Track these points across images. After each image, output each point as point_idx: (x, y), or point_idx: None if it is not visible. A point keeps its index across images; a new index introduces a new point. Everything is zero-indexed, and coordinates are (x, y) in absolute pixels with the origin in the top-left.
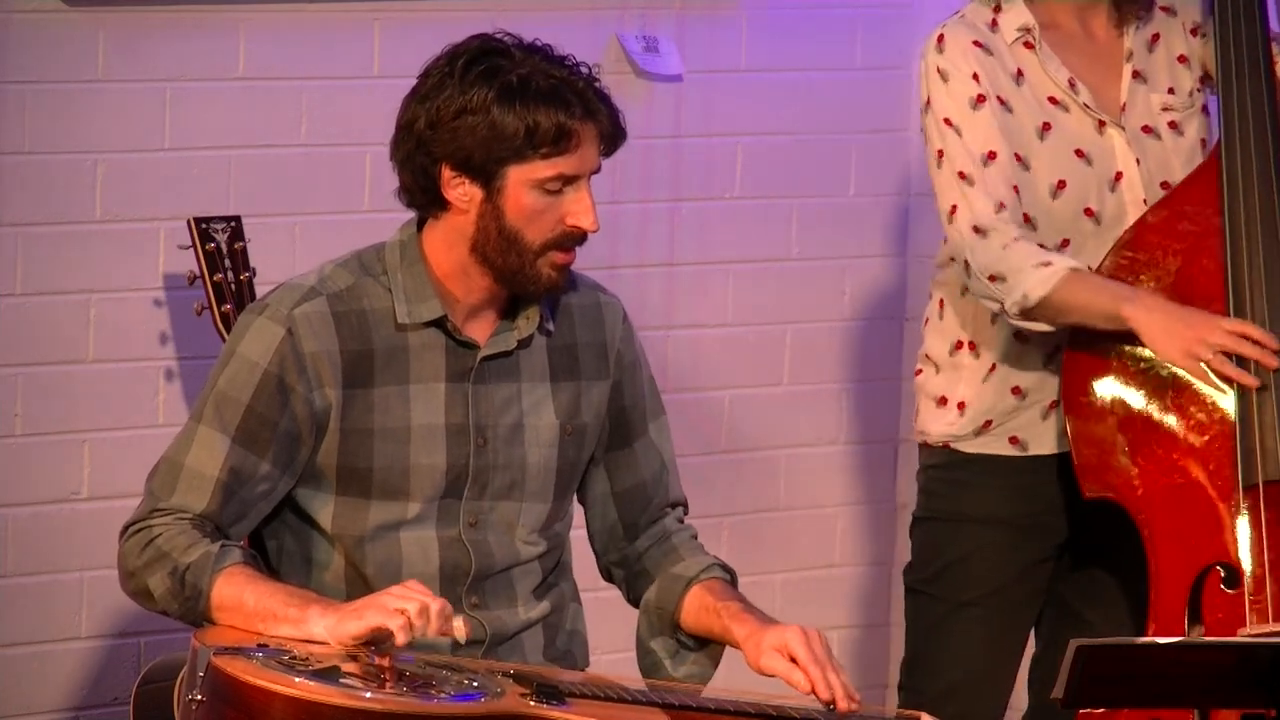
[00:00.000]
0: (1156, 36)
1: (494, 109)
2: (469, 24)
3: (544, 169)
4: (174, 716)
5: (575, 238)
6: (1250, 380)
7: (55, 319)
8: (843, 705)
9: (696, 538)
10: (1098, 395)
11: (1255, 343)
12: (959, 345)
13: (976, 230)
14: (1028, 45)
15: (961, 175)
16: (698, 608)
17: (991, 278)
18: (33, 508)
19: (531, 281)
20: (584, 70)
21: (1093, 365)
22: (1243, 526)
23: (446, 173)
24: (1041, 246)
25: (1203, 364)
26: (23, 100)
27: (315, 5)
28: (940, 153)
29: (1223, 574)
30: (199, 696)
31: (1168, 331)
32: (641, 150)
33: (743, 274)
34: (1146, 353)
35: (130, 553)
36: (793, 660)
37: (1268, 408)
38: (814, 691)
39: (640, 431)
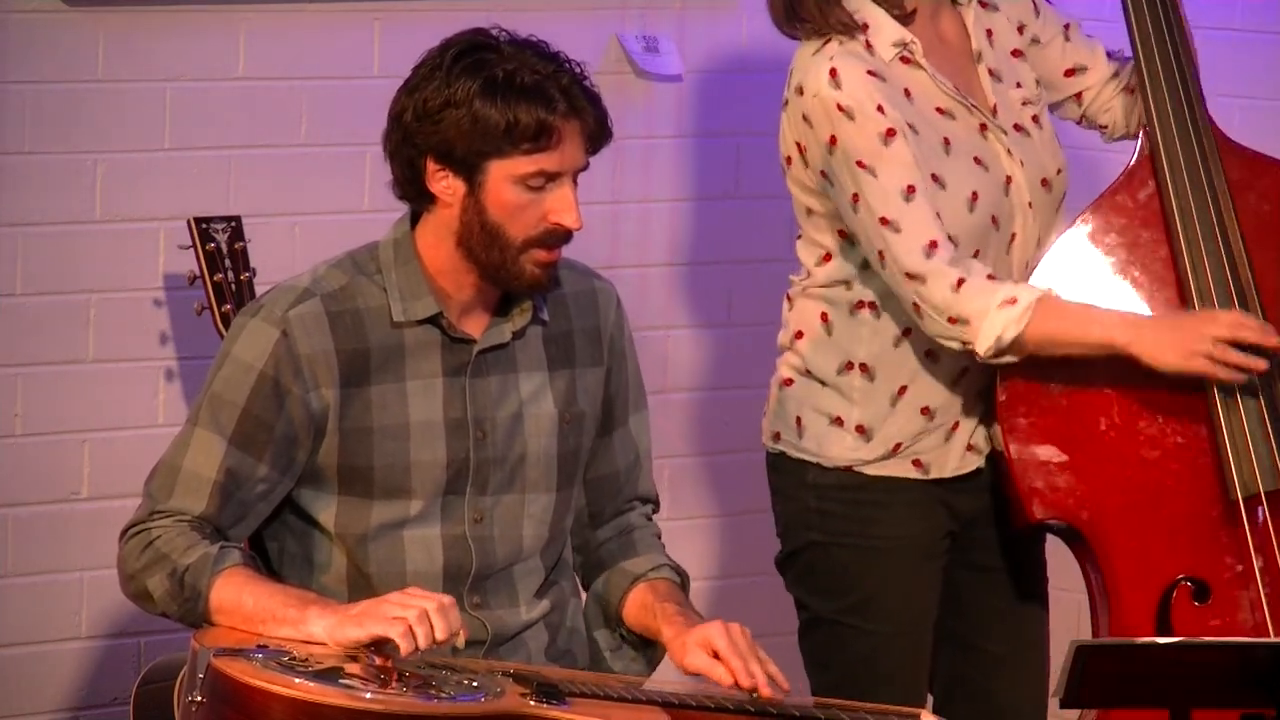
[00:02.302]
0: (990, 32)
1: (476, 102)
2: (469, 23)
3: (524, 165)
4: (174, 717)
5: (558, 235)
6: (1260, 364)
7: (55, 319)
8: (765, 692)
9: (660, 537)
10: (1038, 417)
11: (1253, 331)
12: (849, 366)
13: (912, 277)
14: (904, 60)
15: (884, 221)
16: (638, 605)
17: (951, 320)
18: (33, 508)
19: (515, 278)
20: (573, 67)
21: (1031, 387)
22: (1218, 539)
23: (431, 165)
24: (991, 279)
25: (1211, 359)
26: (23, 100)
27: (315, 5)
28: (856, 197)
29: (1191, 588)
30: (199, 698)
31: (1165, 343)
32: (641, 150)
33: (742, 274)
34: (1088, 365)
35: (130, 555)
36: (715, 656)
37: (1253, 416)
38: (736, 682)
39: (620, 422)
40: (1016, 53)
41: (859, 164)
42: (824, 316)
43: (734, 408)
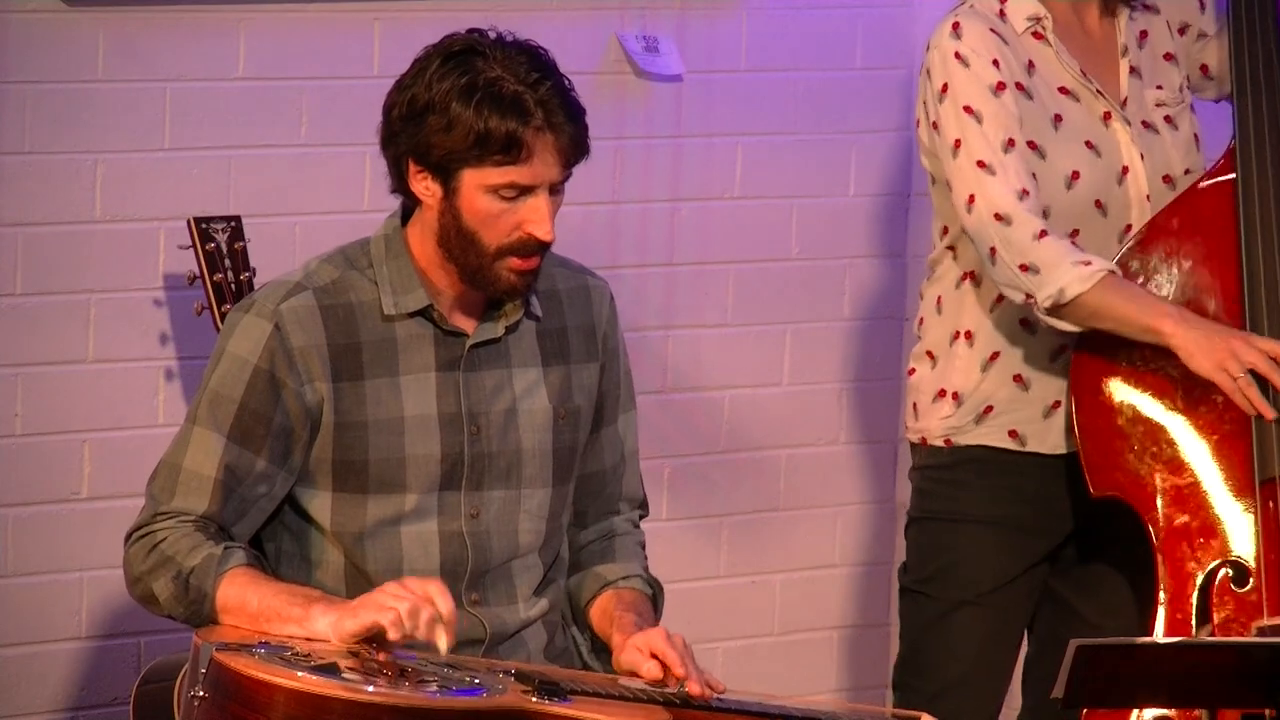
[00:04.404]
0: (1145, 33)
1: (453, 108)
2: (469, 24)
3: (495, 176)
4: (174, 716)
5: (531, 246)
6: (1269, 412)
7: (55, 319)
8: (694, 689)
9: (643, 546)
10: (1106, 394)
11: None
12: (956, 335)
13: (999, 218)
14: (1037, 36)
15: (981, 164)
16: (600, 611)
17: (1023, 267)
18: (33, 508)
19: (491, 283)
20: (559, 80)
21: (1102, 364)
22: (1254, 523)
23: (412, 166)
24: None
25: (1234, 382)
26: (23, 100)
27: (315, 5)
28: (958, 142)
29: (1231, 573)
30: (201, 693)
31: (1202, 347)
32: (641, 150)
33: (743, 274)
34: (1155, 352)
35: (135, 559)
36: (653, 656)
37: None
38: (669, 673)
39: (609, 420)
40: (1168, 56)
41: (966, 109)
42: (938, 299)
43: (734, 408)
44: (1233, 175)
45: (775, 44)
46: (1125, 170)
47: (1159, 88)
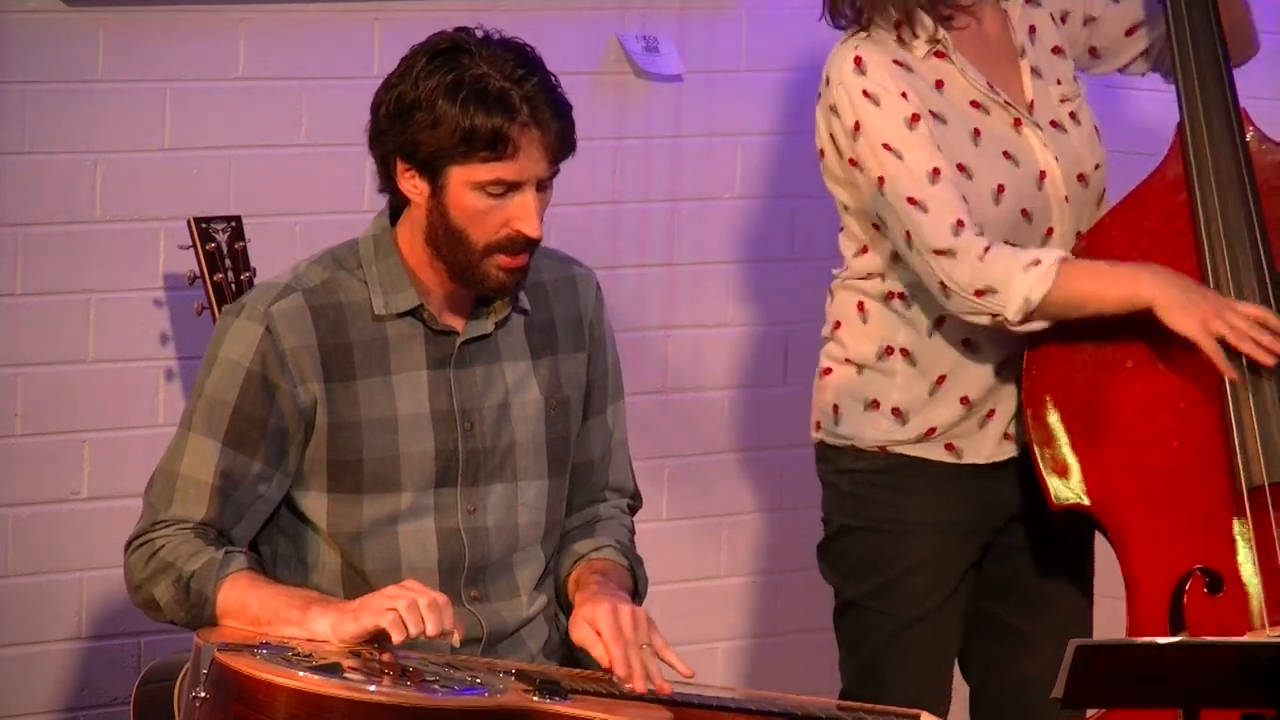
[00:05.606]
0: (1033, 29)
1: (439, 106)
2: (469, 24)
3: (482, 172)
4: (174, 716)
5: (520, 242)
6: (1267, 359)
7: (55, 319)
8: (639, 686)
9: (631, 531)
10: (1062, 402)
11: (1272, 332)
12: (889, 350)
13: (940, 253)
14: (939, 55)
15: (911, 200)
16: (574, 583)
17: (978, 292)
18: (33, 508)
19: (480, 281)
20: (545, 76)
21: (1056, 371)
22: (1231, 530)
23: (400, 165)
24: (1014, 245)
25: (1223, 341)
26: (23, 100)
27: (315, 5)
28: (881, 179)
29: (1205, 579)
30: (203, 694)
31: (1185, 305)
32: (641, 150)
33: (743, 274)
34: (1115, 353)
35: (135, 566)
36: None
37: (1265, 407)
38: (613, 668)
39: (598, 410)
40: (1057, 49)
41: (885, 146)
42: (860, 305)
43: (734, 408)
44: (1181, 170)
45: (775, 44)
46: (1043, 175)
47: (1058, 83)
